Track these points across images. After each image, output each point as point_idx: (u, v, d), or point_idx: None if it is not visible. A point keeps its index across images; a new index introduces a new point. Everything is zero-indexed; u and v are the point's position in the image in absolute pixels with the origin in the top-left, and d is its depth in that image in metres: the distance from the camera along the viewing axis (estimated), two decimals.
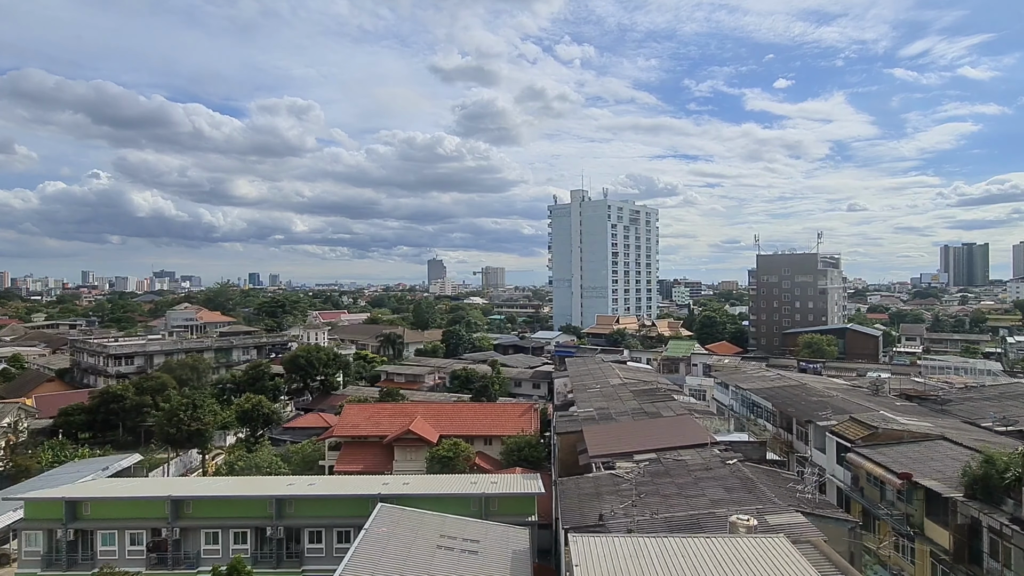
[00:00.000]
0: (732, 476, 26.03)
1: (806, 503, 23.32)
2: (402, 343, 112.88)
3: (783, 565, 14.57)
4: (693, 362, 71.13)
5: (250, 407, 57.64)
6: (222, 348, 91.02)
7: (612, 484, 27.13)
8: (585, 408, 43.29)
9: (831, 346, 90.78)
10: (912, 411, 42.05)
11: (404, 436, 48.98)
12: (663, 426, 35.30)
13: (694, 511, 22.67)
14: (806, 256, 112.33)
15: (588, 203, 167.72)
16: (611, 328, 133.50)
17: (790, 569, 14.38)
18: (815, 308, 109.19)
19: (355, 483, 36.01)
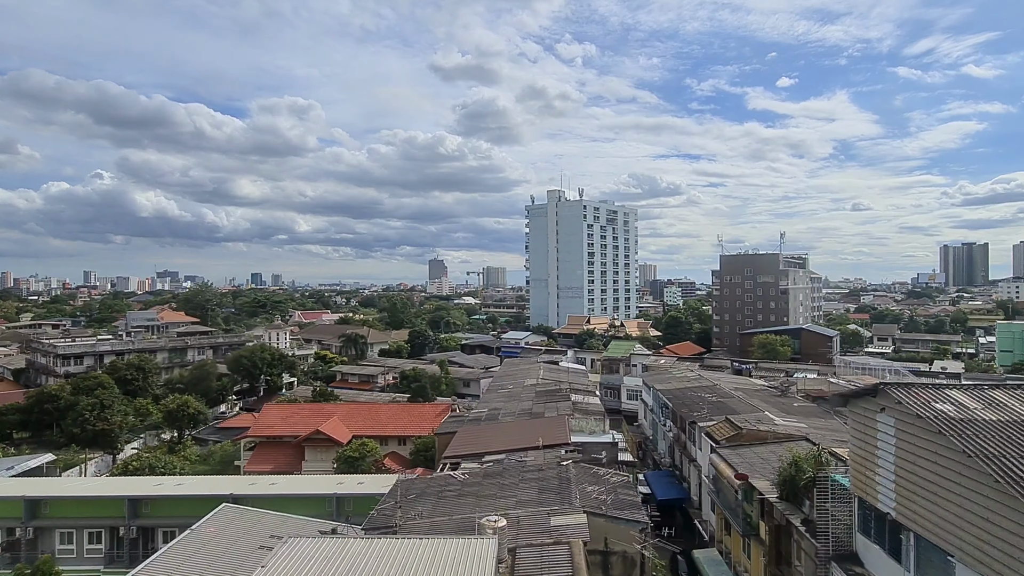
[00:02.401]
0: (555, 477, 26.11)
1: (607, 505, 23.35)
2: (365, 343, 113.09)
3: (461, 565, 14.68)
4: (632, 363, 70.99)
5: (175, 407, 57.88)
6: (176, 348, 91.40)
7: (441, 485, 27.26)
8: (480, 409, 43.41)
9: (784, 346, 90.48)
10: (804, 412, 41.98)
11: (314, 436, 49.22)
12: (534, 427, 35.36)
13: (482, 512, 22.76)
14: (768, 256, 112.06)
15: (564, 203, 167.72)
16: (581, 328, 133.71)
17: (463, 568, 14.51)
18: (777, 308, 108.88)
19: (222, 483, 36.19)
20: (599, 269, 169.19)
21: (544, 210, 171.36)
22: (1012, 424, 14.94)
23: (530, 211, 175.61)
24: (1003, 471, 12.91)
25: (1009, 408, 15.75)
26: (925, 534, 15.48)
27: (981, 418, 15.24)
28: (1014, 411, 15.60)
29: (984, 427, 14.78)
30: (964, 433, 14.43)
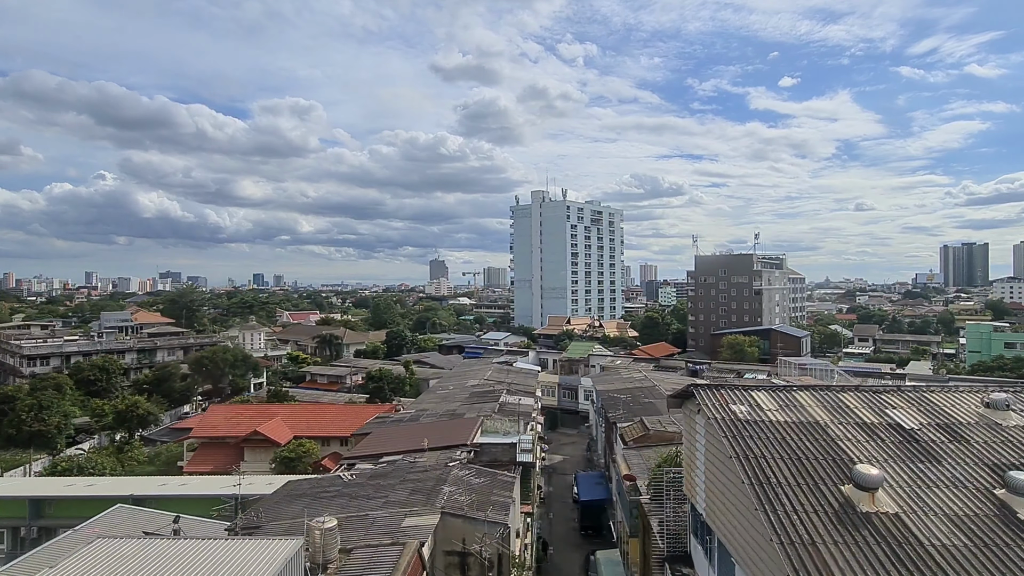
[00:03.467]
0: (434, 479, 26.20)
1: (470, 506, 23.41)
2: (340, 344, 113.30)
3: (242, 566, 14.78)
4: (591, 363, 71.01)
5: (124, 408, 58.11)
6: (145, 349, 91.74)
7: (325, 486, 27.38)
8: (410, 409, 43.51)
9: (752, 347, 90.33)
10: None
11: (252, 437, 49.37)
12: (445, 428, 35.44)
13: (349, 512, 22.86)
14: (741, 257, 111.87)
15: (548, 204, 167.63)
16: (561, 329, 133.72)
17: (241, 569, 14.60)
18: (751, 309, 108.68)
19: (130, 484, 36.35)
20: (583, 270, 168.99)
21: (528, 211, 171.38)
22: (796, 425, 14.98)
23: (514, 212, 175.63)
24: (750, 472, 12.97)
25: (803, 410, 15.78)
26: (719, 536, 15.54)
27: (769, 419, 15.28)
28: (807, 412, 15.63)
29: (766, 428, 14.82)
30: (740, 435, 14.48)
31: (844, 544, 10.97)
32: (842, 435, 14.58)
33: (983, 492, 12.38)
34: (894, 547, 10.88)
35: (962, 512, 11.80)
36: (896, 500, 12.15)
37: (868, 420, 15.24)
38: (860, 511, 11.79)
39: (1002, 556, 10.68)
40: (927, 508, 11.91)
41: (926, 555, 10.68)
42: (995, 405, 15.27)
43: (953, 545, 10.94)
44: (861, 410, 15.77)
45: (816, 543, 11.02)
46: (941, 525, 11.45)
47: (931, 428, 14.82)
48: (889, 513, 11.72)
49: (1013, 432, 14.52)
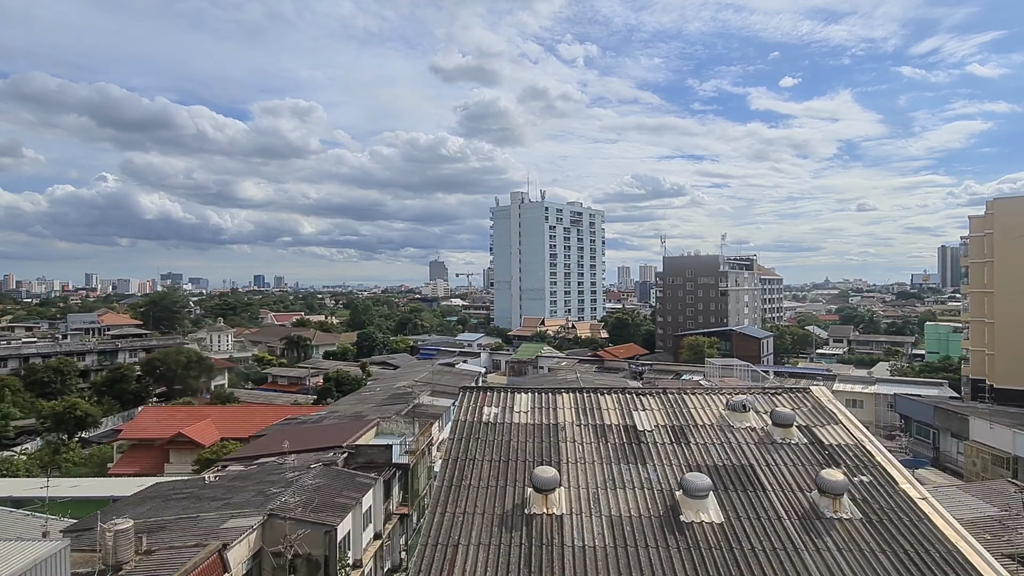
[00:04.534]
0: (282, 480, 26.37)
1: (302, 508, 23.55)
2: (308, 345, 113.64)
3: None
4: (540, 364, 71.11)
5: (62, 410, 58.41)
6: (106, 351, 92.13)
7: (187, 487, 27.59)
8: (323, 411, 43.67)
9: (711, 348, 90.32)
10: None
11: (177, 438, 49.61)
12: (334, 429, 35.62)
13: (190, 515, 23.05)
14: (708, 258, 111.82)
15: (526, 205, 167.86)
16: (535, 330, 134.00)
17: None
18: (717, 310, 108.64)
19: (12, 486, 36.52)
20: (562, 271, 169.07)
21: (507, 212, 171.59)
22: (535, 427, 15.10)
23: (494, 213, 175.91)
24: (446, 475, 13.12)
25: (555, 411, 15.88)
26: None
27: (514, 421, 15.41)
28: (556, 414, 15.73)
29: (503, 430, 14.96)
30: (466, 437, 14.63)
31: (486, 546, 11.10)
32: (573, 436, 14.70)
33: (665, 493, 12.49)
34: (534, 548, 11.00)
35: (628, 513, 11.91)
36: (573, 502, 12.26)
37: (609, 422, 15.35)
38: (528, 512, 11.91)
39: (640, 557, 10.79)
40: (596, 510, 12.02)
41: (558, 556, 10.80)
42: (733, 407, 15.37)
43: (595, 546, 11.06)
44: (610, 411, 15.88)
45: (460, 544, 11.15)
46: (597, 527, 11.56)
47: (662, 429, 14.93)
48: (555, 515, 11.84)
49: (739, 434, 14.63)
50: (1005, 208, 47.87)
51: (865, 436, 14.58)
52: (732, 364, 53.19)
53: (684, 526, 11.54)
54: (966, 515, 22.30)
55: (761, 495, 12.46)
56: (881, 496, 12.39)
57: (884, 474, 13.12)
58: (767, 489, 12.63)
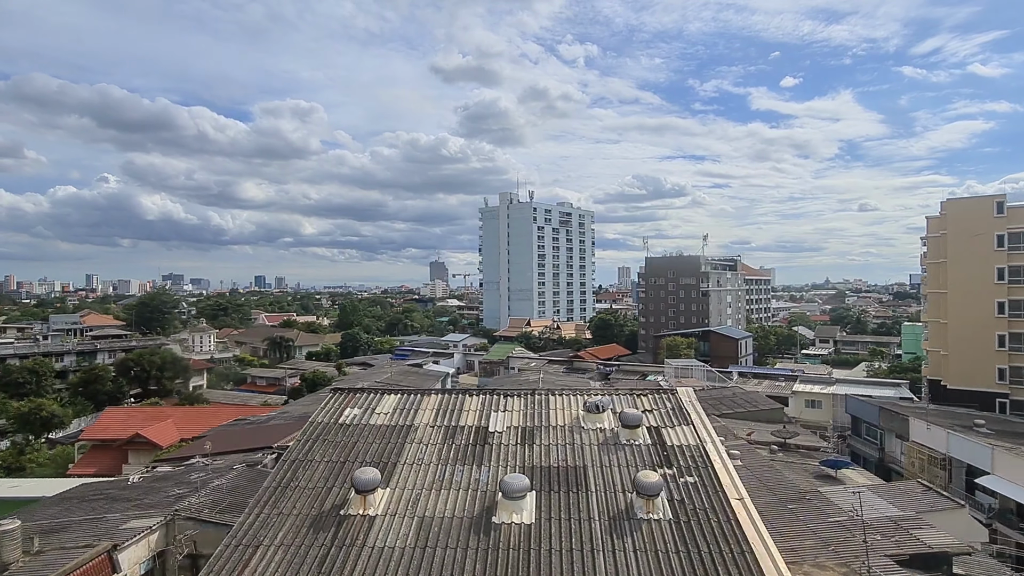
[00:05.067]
0: (203, 481, 26.48)
1: (210, 509, 23.63)
2: (291, 346, 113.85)
3: None
4: (511, 365, 71.22)
5: (28, 410, 58.60)
6: (84, 352, 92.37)
7: (111, 488, 27.74)
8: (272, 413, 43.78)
9: (689, 348, 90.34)
10: None
11: (135, 439, 49.77)
12: (272, 430, 35.75)
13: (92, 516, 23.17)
14: (689, 259, 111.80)
15: (515, 205, 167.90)
16: (520, 330, 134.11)
17: None
18: (698, 311, 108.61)
19: None
20: (551, 271, 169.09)
21: (496, 212, 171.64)
22: (388, 428, 15.20)
23: (483, 213, 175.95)
24: (278, 476, 13.23)
25: (415, 412, 15.96)
26: None
27: (370, 423, 15.51)
28: (416, 415, 15.82)
29: (354, 432, 15.10)
30: (312, 438, 14.76)
31: (287, 547, 11.19)
32: (422, 437, 14.78)
33: (488, 495, 12.55)
34: (334, 549, 11.09)
35: (443, 515, 11.99)
36: (392, 503, 12.35)
37: (464, 423, 15.43)
38: (343, 513, 12.01)
39: (438, 557, 10.88)
40: (412, 511, 12.10)
41: (355, 557, 10.88)
42: (589, 408, 15.44)
43: (395, 547, 11.14)
44: (470, 413, 15.96)
45: (262, 545, 11.24)
46: (406, 528, 11.64)
47: (513, 431, 15.01)
48: (368, 516, 11.92)
49: (587, 435, 14.70)
50: (957, 209, 47.84)
51: (709, 438, 14.65)
52: (691, 365, 53.17)
53: (493, 527, 11.62)
54: (865, 515, 22.31)
55: (583, 496, 12.53)
56: (700, 497, 12.46)
57: (712, 476, 13.19)
58: (591, 490, 12.70)
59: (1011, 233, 45.34)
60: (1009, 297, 45.47)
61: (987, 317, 45.98)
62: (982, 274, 46.04)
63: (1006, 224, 45.44)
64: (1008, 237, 45.34)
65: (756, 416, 39.24)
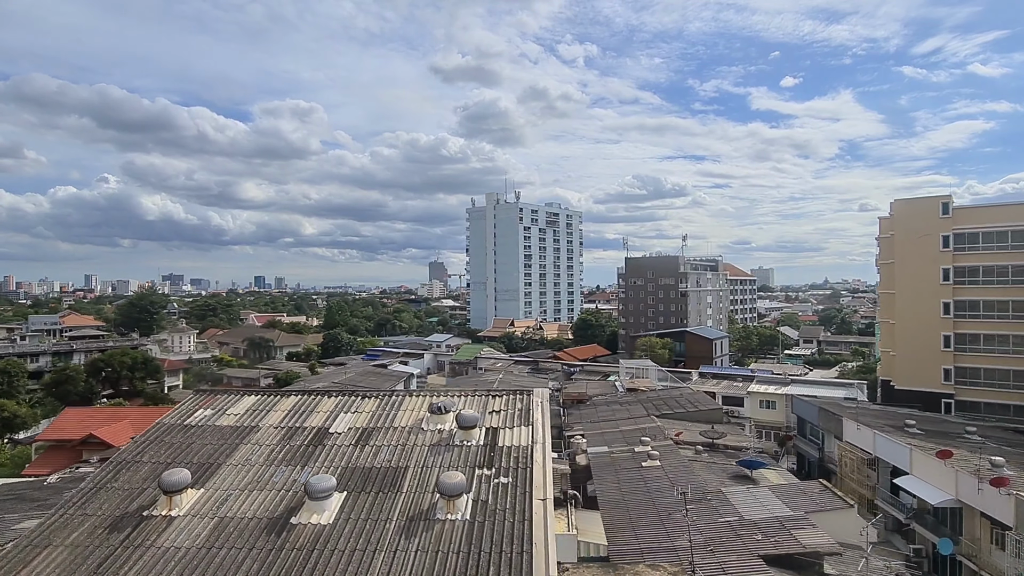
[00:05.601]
0: None
1: None
2: (271, 346, 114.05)
3: None
4: (479, 366, 71.34)
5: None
6: (60, 352, 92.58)
7: (23, 489, 27.88)
8: None
9: (663, 349, 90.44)
10: None
11: (89, 439, 49.92)
12: None
13: None
14: (668, 259, 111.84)
15: (501, 206, 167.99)
16: (504, 331, 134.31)
17: None
18: (677, 311, 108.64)
19: None
20: (537, 271, 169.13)
21: (483, 213, 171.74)
22: (231, 429, 15.30)
23: (470, 213, 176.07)
24: (96, 478, 13.33)
25: (267, 413, 16.07)
26: None
27: (214, 425, 15.62)
28: (267, 416, 15.92)
29: (192, 433, 15.21)
30: (148, 439, 14.85)
31: (76, 547, 11.27)
32: (260, 439, 14.88)
33: (299, 495, 12.63)
34: (121, 550, 11.17)
35: (245, 515, 12.07)
36: (200, 503, 12.43)
37: (309, 424, 15.53)
38: (146, 514, 12.09)
39: (220, 557, 10.97)
40: (215, 511, 12.19)
41: (139, 556, 10.97)
42: (433, 409, 15.53)
43: (182, 547, 11.22)
44: (320, 414, 16.06)
45: (51, 546, 11.33)
46: (202, 528, 11.72)
47: (354, 432, 15.11)
48: (170, 516, 12.01)
49: (423, 435, 14.79)
50: (905, 209, 47.82)
51: (541, 440, 14.71)
52: (645, 365, 53.30)
53: (290, 527, 11.71)
54: (757, 515, 22.42)
55: (392, 496, 12.61)
56: (506, 498, 12.53)
57: (527, 477, 13.26)
58: (403, 491, 12.78)
59: (956, 234, 45.39)
60: (954, 298, 45.51)
61: (933, 318, 45.99)
62: (928, 274, 46.07)
63: (951, 225, 45.46)
64: (953, 238, 45.39)
65: (696, 416, 39.33)
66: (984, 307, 44.84)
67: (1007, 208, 44.82)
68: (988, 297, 44.67)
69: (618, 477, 29.13)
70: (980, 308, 45.00)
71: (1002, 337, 44.24)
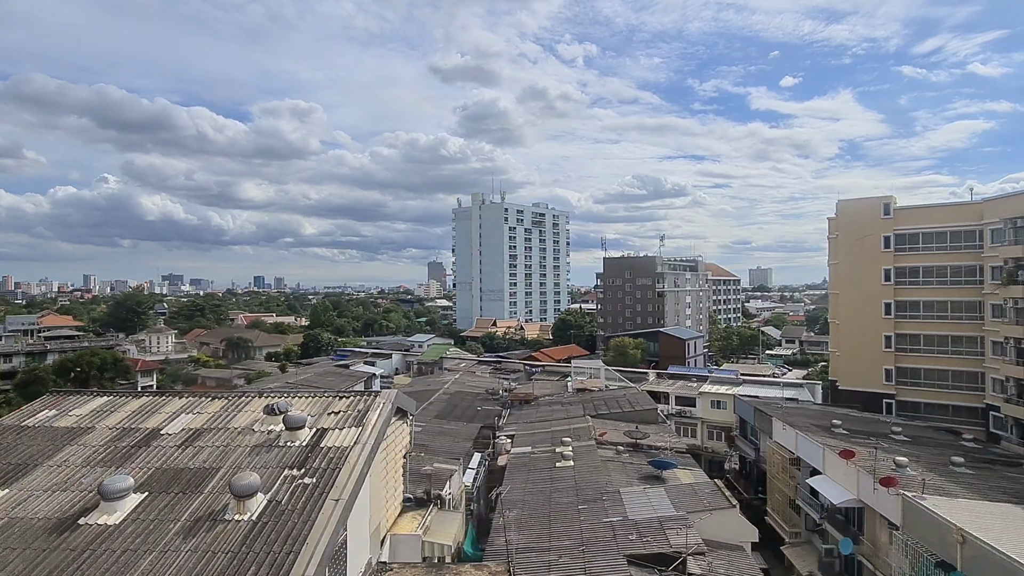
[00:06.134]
0: None
1: None
2: (249, 346, 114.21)
3: None
4: (444, 366, 71.46)
5: None
6: (35, 352, 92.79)
7: None
8: None
9: (635, 350, 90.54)
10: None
11: None
12: None
13: None
14: (645, 259, 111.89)
15: (487, 206, 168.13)
16: (486, 331, 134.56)
17: None
18: (655, 311, 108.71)
19: None
20: (523, 272, 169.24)
21: (469, 213, 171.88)
22: (58, 431, 15.40)
23: (456, 214, 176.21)
24: None
25: (109, 415, 16.17)
26: None
27: (52, 426, 15.74)
28: (107, 418, 16.02)
29: (30, 434, 15.30)
30: None
31: None
32: (89, 439, 14.99)
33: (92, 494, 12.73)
34: None
35: (37, 515, 12.16)
36: (0, 504, 12.54)
37: (147, 425, 15.64)
38: None
39: None
40: (6, 512, 12.29)
41: None
42: (268, 410, 15.62)
43: None
44: (160, 415, 16.18)
45: None
46: None
47: (184, 433, 15.21)
48: None
49: (250, 436, 14.90)
50: (848, 210, 47.82)
51: (364, 440, 14.79)
52: (597, 366, 53.44)
53: (75, 528, 11.80)
54: (642, 515, 22.52)
55: (191, 497, 12.70)
56: (300, 498, 12.59)
57: (332, 477, 13.34)
58: (204, 492, 12.87)
59: (897, 234, 45.40)
60: (895, 298, 45.48)
61: (875, 318, 45.98)
62: (871, 275, 46.04)
63: (893, 225, 45.44)
64: (894, 239, 45.39)
65: (631, 417, 39.42)
66: (924, 308, 44.85)
67: (946, 209, 44.83)
68: (928, 298, 44.69)
69: (529, 477, 29.22)
70: (920, 309, 45.03)
71: (941, 337, 44.24)
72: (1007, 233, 39.25)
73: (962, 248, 43.16)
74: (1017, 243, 38.25)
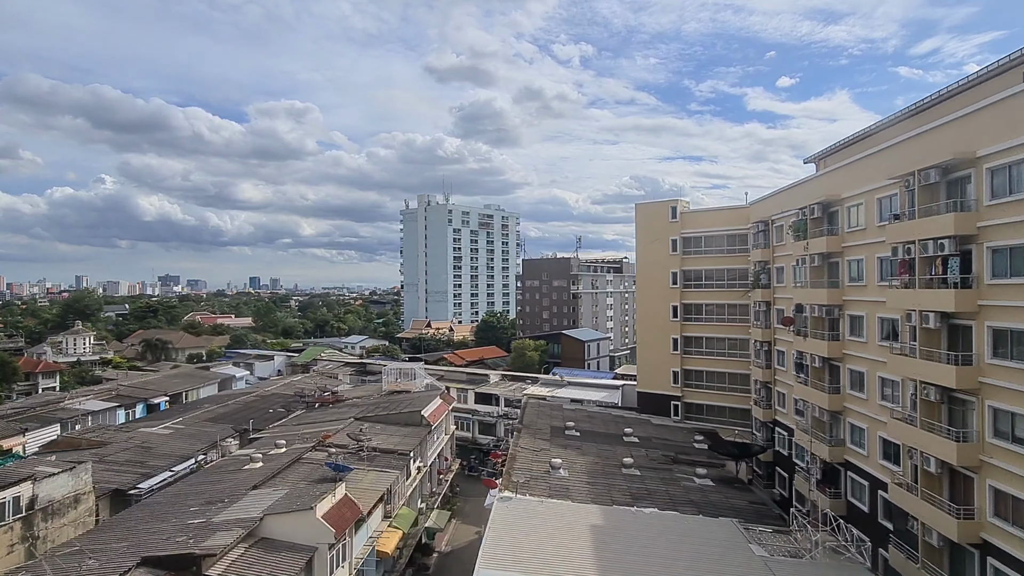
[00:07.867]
0: None
1: None
2: (167, 348, 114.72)
3: None
4: (314, 368, 71.90)
5: None
6: None
7: None
8: None
9: (534, 351, 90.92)
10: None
11: None
12: None
13: None
14: (561, 261, 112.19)
15: (432, 208, 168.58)
16: (419, 333, 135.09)
17: None
18: (571, 313, 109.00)
19: None
20: (468, 273, 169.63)
21: (415, 215, 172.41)
22: None
23: (403, 215, 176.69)
24: None
25: None
26: None
27: None
28: None
29: None
30: None
31: None
32: None
33: None
34: None
35: None
36: None
37: None
38: None
39: None
40: None
41: None
42: None
43: None
44: None
45: None
46: None
47: None
48: None
49: None
50: (643, 213, 47.97)
51: None
52: (412, 368, 53.92)
53: None
54: (233, 516, 22.85)
55: None
56: None
57: None
58: None
59: (683, 238, 45.61)
60: (681, 301, 45.68)
61: (664, 320, 46.19)
62: (662, 278, 46.27)
63: (679, 229, 45.66)
64: (681, 242, 45.59)
65: (395, 420, 39.80)
66: (706, 311, 45.07)
67: (724, 212, 45.04)
68: (709, 301, 44.89)
69: (216, 478, 29.62)
70: (702, 311, 45.24)
71: (720, 340, 44.43)
72: (757, 236, 39.55)
73: (736, 251, 43.45)
74: (766, 246, 38.52)
